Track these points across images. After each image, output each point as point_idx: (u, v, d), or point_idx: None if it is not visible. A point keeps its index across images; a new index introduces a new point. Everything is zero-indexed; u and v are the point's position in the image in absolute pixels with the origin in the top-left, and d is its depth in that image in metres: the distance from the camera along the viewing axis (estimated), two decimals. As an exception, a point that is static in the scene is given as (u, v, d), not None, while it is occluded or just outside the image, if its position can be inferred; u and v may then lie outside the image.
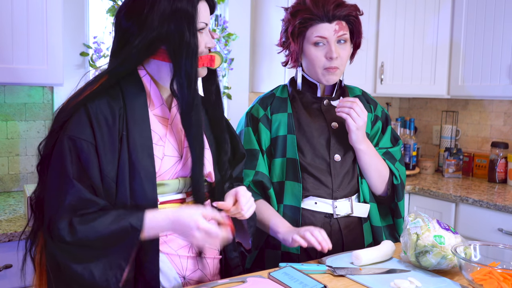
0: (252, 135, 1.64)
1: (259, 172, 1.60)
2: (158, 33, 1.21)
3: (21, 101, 2.33)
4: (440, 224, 1.40)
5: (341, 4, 1.56)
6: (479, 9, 2.77)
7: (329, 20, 1.55)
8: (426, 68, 2.99)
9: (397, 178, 1.66)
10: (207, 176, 1.36)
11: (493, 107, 3.10)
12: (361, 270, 1.36)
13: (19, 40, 1.97)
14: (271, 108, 1.66)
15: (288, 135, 1.61)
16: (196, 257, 1.32)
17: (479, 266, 1.23)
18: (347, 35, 1.58)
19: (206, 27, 1.29)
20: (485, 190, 2.69)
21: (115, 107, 1.21)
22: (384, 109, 1.76)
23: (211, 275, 1.37)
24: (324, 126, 1.63)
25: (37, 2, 1.99)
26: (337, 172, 1.61)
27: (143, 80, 1.28)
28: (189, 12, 1.21)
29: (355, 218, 1.64)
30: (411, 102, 3.62)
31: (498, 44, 2.69)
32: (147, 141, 1.23)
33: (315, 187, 1.60)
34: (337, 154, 1.61)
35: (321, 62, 1.58)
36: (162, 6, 1.20)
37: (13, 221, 1.84)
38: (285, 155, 1.61)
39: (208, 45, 1.29)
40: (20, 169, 2.35)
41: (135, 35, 1.21)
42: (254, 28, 3.12)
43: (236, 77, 3.09)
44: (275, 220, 1.54)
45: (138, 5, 1.22)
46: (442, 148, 3.28)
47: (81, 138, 1.17)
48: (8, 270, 1.74)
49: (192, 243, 1.25)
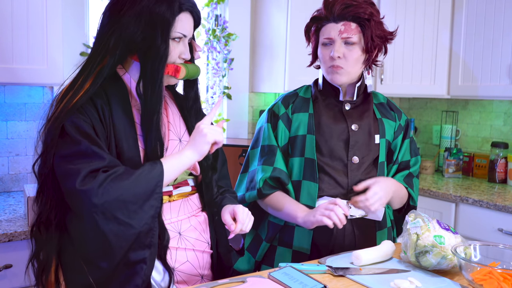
0: (271, 131, 1.67)
1: (277, 168, 1.62)
2: (132, 33, 1.23)
3: (21, 101, 2.33)
4: (440, 224, 1.40)
5: (350, 5, 1.54)
6: (479, 8, 2.77)
7: (335, 20, 1.56)
8: (426, 68, 2.99)
9: (414, 200, 1.71)
10: (192, 169, 1.39)
11: (493, 107, 3.10)
12: (361, 270, 1.36)
13: (19, 40, 1.97)
14: (292, 107, 1.68)
15: (308, 135, 1.62)
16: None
17: (479, 266, 1.23)
18: (353, 38, 1.55)
19: (184, 38, 1.31)
20: (485, 190, 2.69)
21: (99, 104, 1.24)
22: (408, 119, 1.77)
23: (200, 268, 1.39)
24: (344, 127, 1.63)
25: (37, 2, 1.99)
26: (354, 174, 1.61)
27: (123, 78, 1.32)
28: (165, 18, 1.23)
29: (370, 221, 1.64)
30: (411, 102, 3.62)
31: (498, 44, 2.69)
32: (131, 133, 1.27)
33: (331, 187, 1.61)
34: (356, 156, 1.61)
35: (326, 61, 1.60)
36: (140, 7, 1.23)
37: (13, 221, 1.85)
38: (304, 155, 1.62)
39: (182, 56, 1.31)
40: (20, 169, 2.35)
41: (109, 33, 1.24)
42: (254, 28, 3.12)
43: (236, 77, 3.09)
44: (293, 206, 1.58)
45: (119, 3, 1.25)
46: (442, 148, 3.28)
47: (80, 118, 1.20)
48: (8, 270, 1.74)
49: (208, 143, 1.28)
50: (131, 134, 1.26)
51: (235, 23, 3.04)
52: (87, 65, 1.25)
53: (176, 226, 1.35)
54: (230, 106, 3.10)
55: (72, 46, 2.43)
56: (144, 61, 1.25)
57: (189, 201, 1.40)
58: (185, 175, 1.39)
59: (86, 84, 1.22)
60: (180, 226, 1.36)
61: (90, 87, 1.22)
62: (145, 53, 1.24)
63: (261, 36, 3.06)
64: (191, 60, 1.38)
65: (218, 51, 2.99)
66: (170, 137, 1.36)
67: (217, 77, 3.01)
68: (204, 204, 1.45)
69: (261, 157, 1.66)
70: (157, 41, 1.23)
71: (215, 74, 3.00)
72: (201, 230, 1.41)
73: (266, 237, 1.68)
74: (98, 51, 1.25)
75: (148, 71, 1.24)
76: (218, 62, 2.99)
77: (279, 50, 2.89)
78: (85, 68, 1.25)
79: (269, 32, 2.98)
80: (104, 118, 1.24)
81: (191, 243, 1.37)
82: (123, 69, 1.32)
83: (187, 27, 1.30)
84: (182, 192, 1.39)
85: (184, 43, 1.31)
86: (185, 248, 1.35)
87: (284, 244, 1.65)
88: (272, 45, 2.97)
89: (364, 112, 1.65)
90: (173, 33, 1.26)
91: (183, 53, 1.31)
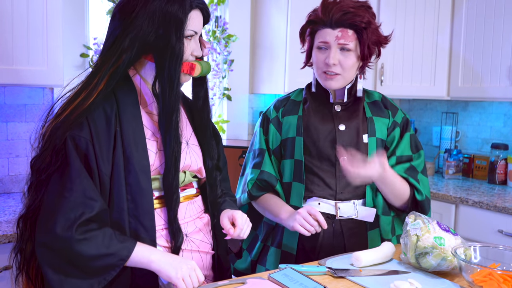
0: (263, 135, 1.71)
1: (264, 171, 1.66)
2: (146, 34, 1.22)
3: (21, 102, 2.33)
4: (440, 225, 1.40)
5: (349, 13, 1.54)
6: (479, 10, 2.77)
7: (332, 26, 1.55)
8: (426, 69, 2.99)
9: (420, 193, 1.62)
10: (198, 172, 1.40)
11: (493, 108, 3.10)
12: (361, 271, 1.36)
13: (19, 41, 1.97)
14: (283, 111, 1.70)
15: (297, 137, 1.64)
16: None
17: (479, 268, 1.23)
18: (350, 45, 1.55)
19: (195, 35, 1.31)
20: (485, 192, 2.69)
21: (109, 107, 1.24)
22: (406, 115, 1.73)
23: (204, 269, 1.40)
24: (331, 128, 1.63)
25: (37, 4, 1.99)
26: (342, 174, 1.60)
27: (133, 79, 1.31)
28: (178, 17, 1.23)
29: (360, 222, 1.64)
30: (411, 104, 3.62)
31: (498, 46, 2.69)
32: (140, 136, 1.26)
33: (319, 188, 1.62)
34: (344, 156, 1.61)
35: (320, 65, 1.60)
36: (153, 7, 1.22)
37: (13, 222, 1.84)
38: (294, 157, 1.64)
39: (194, 53, 1.32)
40: (20, 170, 2.35)
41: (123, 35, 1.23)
42: (254, 30, 3.12)
43: (236, 79, 3.10)
44: (277, 207, 1.61)
45: (131, 5, 1.24)
46: (442, 150, 3.28)
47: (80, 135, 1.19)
48: (8, 271, 1.74)
49: (179, 276, 1.21)
50: (140, 137, 1.26)
51: (235, 24, 3.05)
52: (101, 66, 1.24)
53: (183, 228, 1.35)
54: (230, 107, 3.10)
55: (72, 47, 2.43)
56: (160, 60, 1.25)
57: (194, 203, 1.41)
58: (190, 177, 1.40)
59: (100, 84, 1.22)
60: (186, 228, 1.36)
61: (105, 88, 1.22)
62: (160, 52, 1.24)
63: (261, 37, 3.07)
64: (201, 58, 1.38)
65: (218, 52, 2.99)
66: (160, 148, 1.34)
67: (217, 78, 3.01)
68: (207, 205, 1.45)
69: (252, 160, 1.71)
70: (172, 40, 1.23)
71: (215, 76, 3.01)
72: (205, 232, 1.42)
73: (261, 237, 1.71)
74: (112, 53, 1.23)
75: (165, 71, 1.24)
76: (218, 64, 3.00)
77: (279, 52, 2.89)
78: (99, 69, 1.24)
79: (269, 34, 2.99)
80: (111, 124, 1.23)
81: (197, 245, 1.38)
82: (133, 70, 1.32)
83: (198, 24, 1.30)
84: (188, 195, 1.40)
85: (195, 40, 1.32)
86: (191, 249, 1.36)
87: (274, 244, 1.68)
88: (272, 46, 2.98)
89: (353, 113, 1.65)
90: (186, 31, 1.26)
91: (195, 50, 1.31)
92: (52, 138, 1.19)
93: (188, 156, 1.37)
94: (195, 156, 1.39)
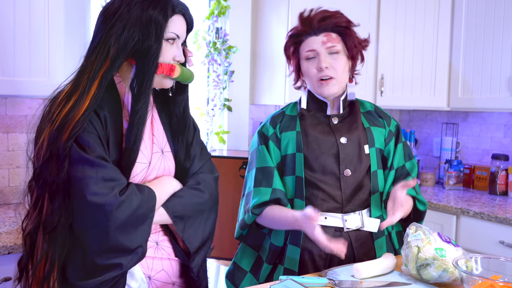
0: (266, 152, 1.66)
1: (276, 190, 1.61)
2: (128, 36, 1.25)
3: (22, 113, 2.33)
4: (441, 236, 1.39)
5: (328, 17, 1.58)
6: (478, 21, 2.79)
7: (315, 32, 1.59)
8: (426, 80, 3.00)
9: (423, 203, 1.66)
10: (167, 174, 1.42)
11: (493, 119, 3.10)
12: (362, 283, 1.35)
13: (20, 53, 1.98)
14: (280, 127, 1.67)
15: (297, 153, 1.62)
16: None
17: (481, 279, 1.22)
18: (337, 47, 1.58)
19: (178, 40, 1.33)
20: (486, 202, 2.68)
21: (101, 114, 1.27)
22: (398, 124, 1.74)
23: (174, 276, 1.41)
24: (333, 142, 1.62)
25: (39, 15, 2.00)
26: (347, 186, 1.60)
27: (118, 86, 1.34)
28: (159, 19, 1.27)
29: (366, 232, 1.63)
30: (411, 114, 3.63)
31: (498, 56, 2.70)
32: (118, 144, 1.29)
33: (325, 202, 1.59)
34: (348, 169, 1.61)
35: (314, 74, 1.61)
36: (135, 11, 1.26)
37: (13, 233, 1.84)
38: (295, 173, 1.62)
39: (176, 58, 1.33)
40: (21, 181, 2.35)
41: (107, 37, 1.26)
42: (254, 41, 3.14)
43: (236, 89, 3.11)
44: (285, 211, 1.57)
45: (114, 7, 1.28)
46: (443, 160, 3.28)
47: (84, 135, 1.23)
48: (7, 283, 1.73)
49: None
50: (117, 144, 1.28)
51: (236, 35, 3.06)
52: (84, 71, 1.26)
53: (154, 237, 1.37)
54: (231, 118, 3.11)
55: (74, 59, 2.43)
56: (138, 60, 1.28)
57: None
58: None
59: (91, 88, 1.23)
60: (157, 236, 1.39)
61: (97, 92, 1.24)
62: (140, 54, 1.27)
63: (262, 48, 3.08)
64: (184, 65, 1.39)
65: (219, 63, 3.00)
66: (154, 150, 1.37)
67: (217, 89, 3.02)
68: None
69: (256, 179, 1.64)
70: (149, 40, 1.26)
71: (216, 86, 3.02)
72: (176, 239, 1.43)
73: (266, 259, 1.66)
74: (97, 56, 1.26)
75: (140, 69, 1.27)
76: (218, 75, 3.01)
77: (280, 62, 2.90)
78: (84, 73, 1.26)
79: (270, 45, 3.00)
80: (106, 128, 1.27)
81: (167, 253, 1.40)
82: (119, 77, 1.35)
83: (179, 28, 1.33)
84: None
85: (177, 45, 1.34)
86: (161, 257, 1.38)
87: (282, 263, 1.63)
88: (272, 57, 2.99)
89: (352, 124, 1.65)
90: (167, 34, 1.29)
91: (177, 56, 1.33)
92: (53, 147, 1.19)
93: (162, 164, 1.38)
94: (169, 165, 1.40)
